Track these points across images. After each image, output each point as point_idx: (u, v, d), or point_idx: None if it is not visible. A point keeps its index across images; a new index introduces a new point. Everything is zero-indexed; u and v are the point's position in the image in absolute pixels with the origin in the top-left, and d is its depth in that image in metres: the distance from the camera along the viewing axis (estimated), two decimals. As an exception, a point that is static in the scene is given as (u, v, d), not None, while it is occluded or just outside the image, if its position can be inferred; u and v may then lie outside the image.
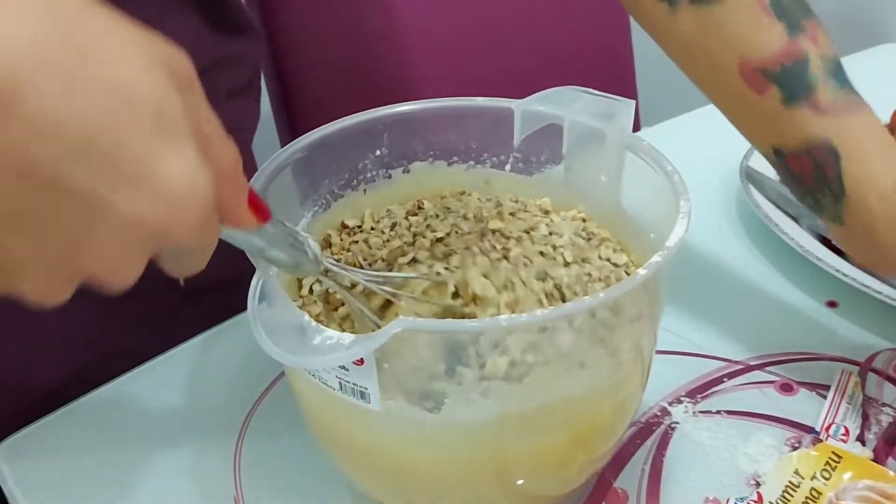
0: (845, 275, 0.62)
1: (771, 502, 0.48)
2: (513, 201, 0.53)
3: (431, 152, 0.53)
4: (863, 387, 0.56)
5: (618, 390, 0.44)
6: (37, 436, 0.56)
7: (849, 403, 0.55)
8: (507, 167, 0.54)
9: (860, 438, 0.53)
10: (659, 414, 0.55)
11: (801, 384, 0.57)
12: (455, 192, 0.54)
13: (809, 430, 0.54)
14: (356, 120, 0.50)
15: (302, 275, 0.41)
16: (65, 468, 0.54)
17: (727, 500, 0.49)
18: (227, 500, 0.51)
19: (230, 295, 0.76)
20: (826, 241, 0.68)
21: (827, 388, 0.56)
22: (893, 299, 0.60)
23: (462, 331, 0.38)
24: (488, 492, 0.44)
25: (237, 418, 0.56)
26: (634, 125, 0.50)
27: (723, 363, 0.59)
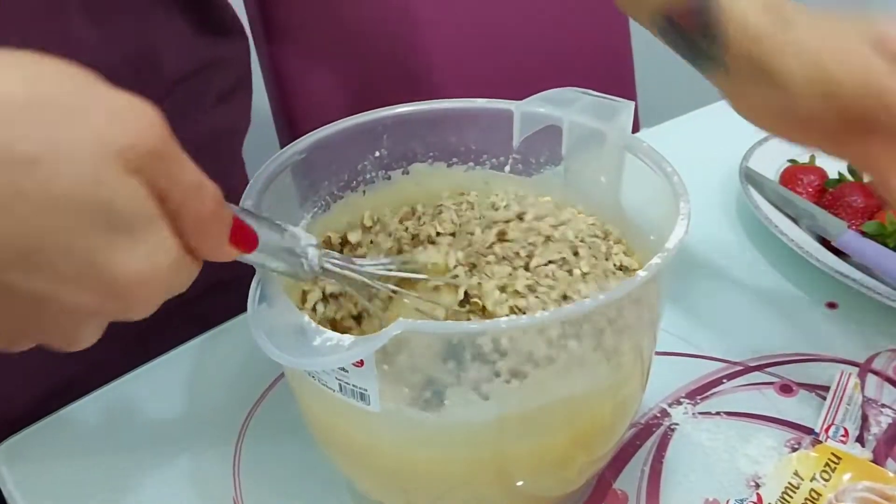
0: (845, 276, 0.62)
1: (770, 503, 0.48)
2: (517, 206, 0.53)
3: (431, 153, 0.53)
4: (862, 388, 0.56)
5: (617, 391, 0.44)
6: (36, 438, 0.56)
7: (848, 405, 0.55)
8: (507, 168, 0.54)
9: (860, 440, 0.53)
10: (659, 415, 0.55)
11: (801, 385, 0.57)
12: (455, 193, 0.54)
13: (809, 431, 0.54)
14: (356, 121, 0.50)
15: (301, 280, 0.41)
16: (64, 470, 0.54)
17: (727, 502, 0.49)
18: (226, 502, 0.51)
19: (226, 298, 0.76)
20: (826, 243, 0.68)
21: (826, 389, 0.56)
22: (893, 300, 0.60)
23: (462, 332, 0.38)
24: (488, 493, 0.44)
25: (237, 420, 0.56)
26: (634, 126, 0.50)
27: (722, 364, 0.59)
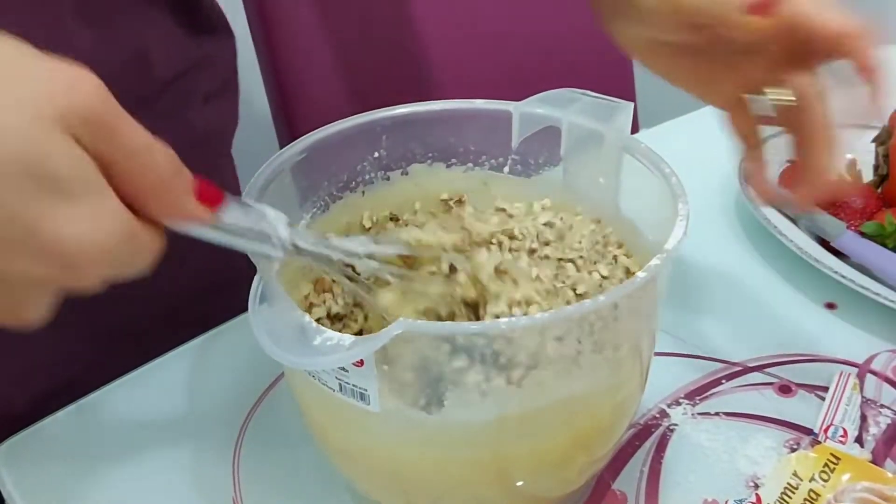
0: (844, 276, 0.62)
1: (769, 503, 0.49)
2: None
3: (430, 154, 0.53)
4: (861, 388, 0.56)
5: (617, 392, 0.44)
6: (36, 438, 0.56)
7: (847, 405, 0.55)
8: (506, 169, 0.54)
9: (859, 440, 0.53)
10: (658, 416, 0.55)
11: (800, 386, 0.57)
12: (454, 194, 0.54)
13: (808, 431, 0.54)
14: (355, 122, 0.50)
15: (272, 260, 0.39)
16: (63, 471, 0.54)
17: (726, 502, 0.49)
18: (226, 502, 0.51)
19: (224, 299, 0.76)
20: (825, 243, 0.68)
21: (825, 389, 0.56)
22: (892, 301, 0.60)
23: (462, 333, 0.38)
24: (488, 493, 0.44)
25: (237, 420, 0.56)
26: (633, 127, 0.50)
27: (721, 365, 0.59)
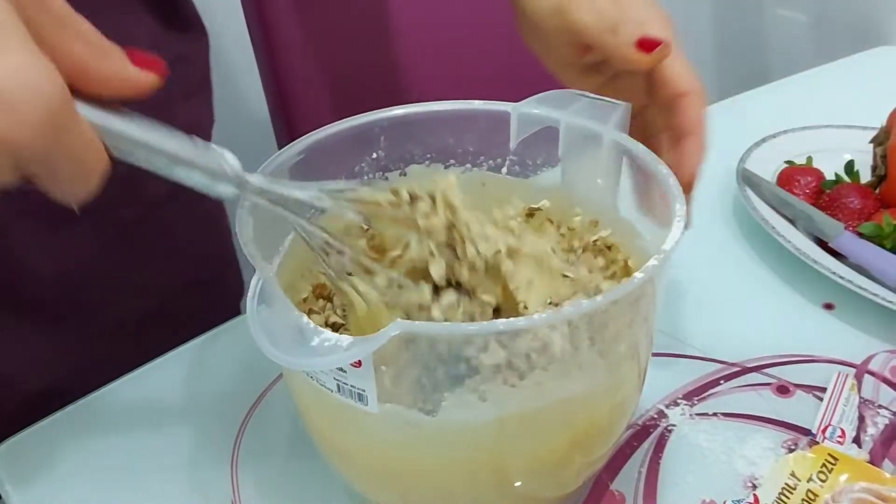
0: (842, 277, 0.62)
1: (767, 504, 0.49)
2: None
3: (428, 155, 0.53)
4: (859, 389, 0.57)
5: (615, 393, 0.44)
6: (34, 439, 0.56)
7: (845, 406, 0.55)
8: (504, 170, 0.54)
9: (856, 440, 0.53)
10: (656, 416, 0.55)
11: (798, 386, 0.57)
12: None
13: (806, 432, 0.54)
14: (353, 123, 0.50)
15: (223, 198, 0.38)
16: (62, 471, 0.54)
17: (724, 503, 0.49)
18: (224, 503, 0.51)
19: (207, 295, 0.76)
20: (823, 244, 0.68)
21: (823, 390, 0.56)
22: (890, 301, 0.60)
23: (460, 334, 0.38)
24: (486, 494, 0.44)
25: (235, 421, 0.56)
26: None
27: (719, 365, 0.59)
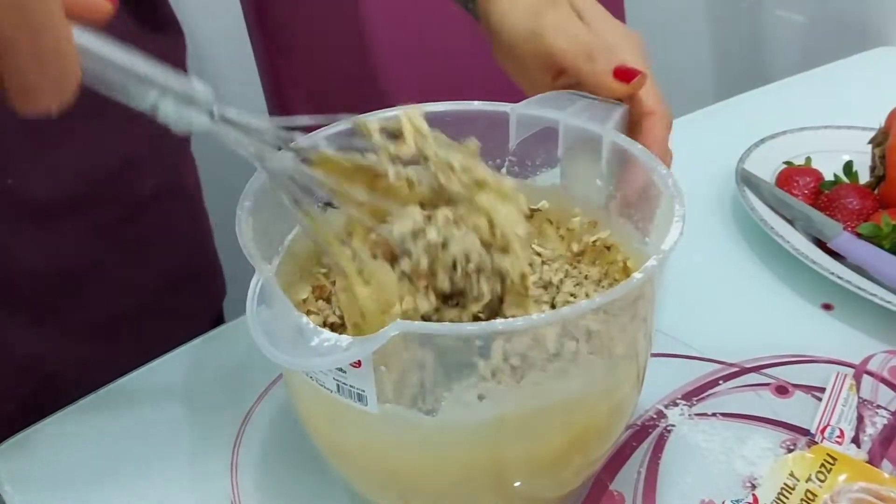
0: (840, 277, 0.63)
1: (766, 504, 0.49)
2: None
3: (428, 156, 0.53)
4: (858, 389, 0.57)
5: (614, 393, 0.44)
6: (34, 439, 0.56)
7: (844, 406, 0.55)
8: (503, 171, 0.54)
9: (855, 441, 0.53)
10: (655, 417, 0.55)
11: (797, 387, 0.57)
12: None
13: (805, 432, 0.54)
14: (351, 124, 0.50)
15: (195, 122, 0.38)
16: (61, 472, 0.54)
17: (723, 503, 0.49)
18: (224, 503, 0.51)
19: (194, 290, 0.76)
20: (821, 245, 0.68)
21: (822, 390, 0.56)
22: (888, 302, 0.60)
23: (459, 334, 0.38)
24: (485, 494, 0.44)
25: (235, 421, 0.56)
26: (629, 129, 0.51)
27: (718, 366, 0.59)
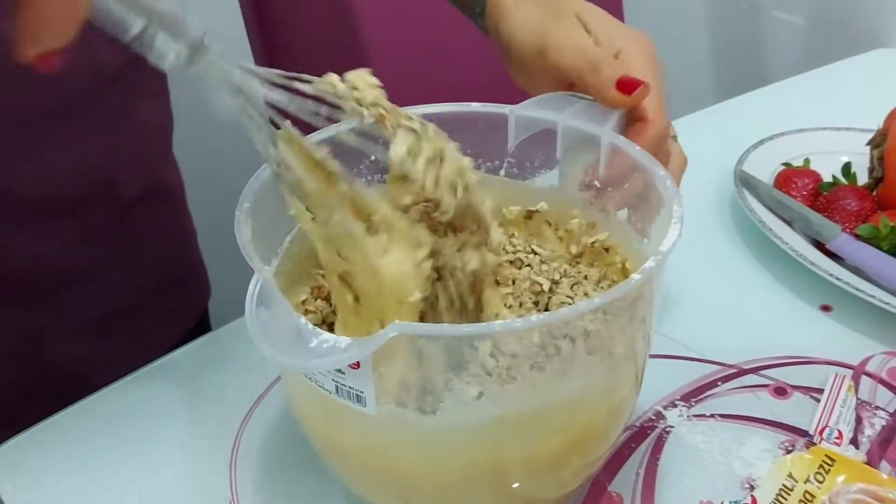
0: (839, 279, 0.63)
1: (765, 505, 0.49)
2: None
3: (426, 157, 0.53)
4: (856, 390, 0.57)
5: (612, 394, 0.44)
6: (33, 441, 0.56)
7: (842, 407, 0.55)
8: (502, 172, 0.54)
9: (854, 442, 0.53)
10: (653, 418, 0.55)
11: (795, 388, 0.57)
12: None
13: (803, 433, 0.54)
14: (350, 125, 0.50)
15: (179, 54, 0.38)
16: (61, 473, 0.54)
17: (721, 504, 0.50)
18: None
19: (183, 291, 0.76)
20: (820, 246, 0.68)
21: (820, 391, 0.57)
22: (886, 303, 0.60)
23: (458, 335, 0.38)
24: (484, 495, 0.44)
25: (234, 422, 0.56)
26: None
27: (717, 367, 0.59)
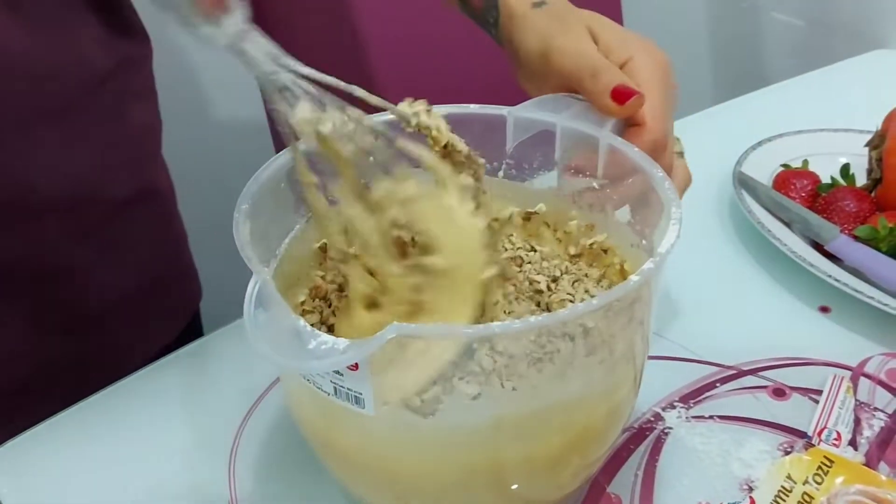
0: (837, 280, 0.63)
1: (763, 507, 0.49)
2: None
3: (425, 158, 0.53)
4: (855, 391, 0.57)
5: (611, 395, 0.44)
6: (31, 443, 0.56)
7: (841, 408, 0.55)
8: (500, 174, 0.54)
9: (852, 443, 0.53)
10: (652, 419, 0.55)
11: (794, 389, 0.57)
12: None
13: (802, 434, 0.54)
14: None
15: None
16: (59, 475, 0.54)
17: (720, 505, 0.50)
18: (221, 506, 0.51)
19: (175, 291, 0.76)
20: (818, 247, 0.69)
21: (819, 392, 0.57)
22: (885, 304, 0.60)
23: (457, 336, 0.38)
24: (482, 497, 0.44)
25: (233, 424, 0.56)
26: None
27: (715, 368, 0.59)
